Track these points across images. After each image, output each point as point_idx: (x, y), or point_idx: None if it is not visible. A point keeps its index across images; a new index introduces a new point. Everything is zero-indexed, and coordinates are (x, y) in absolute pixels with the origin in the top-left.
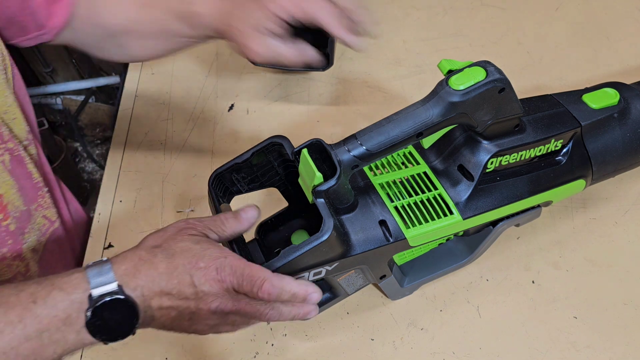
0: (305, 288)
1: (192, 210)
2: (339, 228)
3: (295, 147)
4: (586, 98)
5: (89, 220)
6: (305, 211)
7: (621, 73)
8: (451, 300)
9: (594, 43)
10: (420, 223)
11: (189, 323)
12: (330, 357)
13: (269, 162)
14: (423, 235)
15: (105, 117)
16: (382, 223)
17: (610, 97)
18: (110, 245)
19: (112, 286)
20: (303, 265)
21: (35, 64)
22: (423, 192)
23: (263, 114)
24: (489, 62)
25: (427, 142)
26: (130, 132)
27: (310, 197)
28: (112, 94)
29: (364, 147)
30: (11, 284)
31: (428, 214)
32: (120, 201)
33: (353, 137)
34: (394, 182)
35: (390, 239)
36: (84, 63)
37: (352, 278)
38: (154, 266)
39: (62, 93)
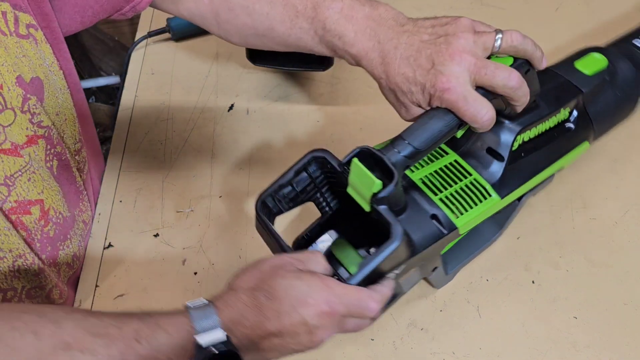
0: (389, 289)
1: (192, 210)
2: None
3: (337, 157)
4: (579, 65)
5: None
6: (339, 221)
7: None
8: (451, 300)
9: (593, 43)
10: (466, 210)
11: (298, 350)
12: (330, 357)
13: (308, 177)
14: (470, 222)
15: (105, 117)
16: (434, 217)
17: (600, 62)
18: (110, 245)
19: (219, 334)
20: (378, 273)
21: None
22: (460, 180)
23: (263, 114)
24: None
25: (460, 131)
26: (130, 132)
27: (366, 206)
28: (112, 94)
29: (413, 146)
30: (108, 313)
31: (471, 200)
32: (120, 201)
33: (400, 138)
34: (432, 175)
35: (444, 231)
36: (84, 63)
37: (411, 276)
38: (261, 312)
39: None
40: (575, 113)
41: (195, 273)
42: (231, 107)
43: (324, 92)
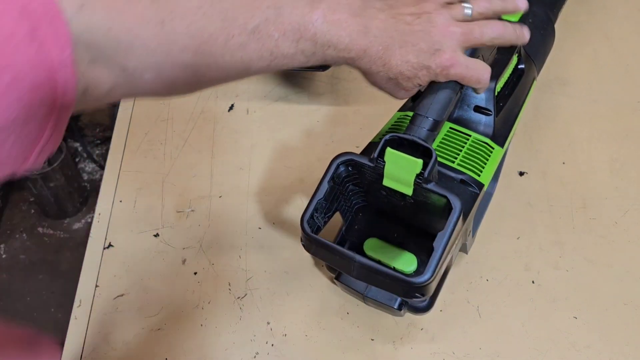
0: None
1: (193, 211)
2: None
3: (358, 153)
4: (505, 17)
5: None
6: (364, 223)
7: (622, 73)
8: (451, 300)
9: (594, 43)
10: (483, 167)
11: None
12: (330, 357)
13: (335, 185)
14: (489, 177)
15: (105, 117)
16: (463, 182)
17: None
18: (110, 245)
19: None
20: (450, 245)
21: None
22: (464, 143)
23: (263, 114)
24: None
25: None
26: (130, 132)
27: (409, 190)
28: None
29: (432, 118)
30: None
31: (482, 157)
32: (120, 201)
33: (418, 115)
34: (440, 147)
35: (477, 191)
36: None
37: (456, 246)
38: None
39: None
40: (521, 58)
41: (195, 273)
42: (231, 107)
43: (324, 92)
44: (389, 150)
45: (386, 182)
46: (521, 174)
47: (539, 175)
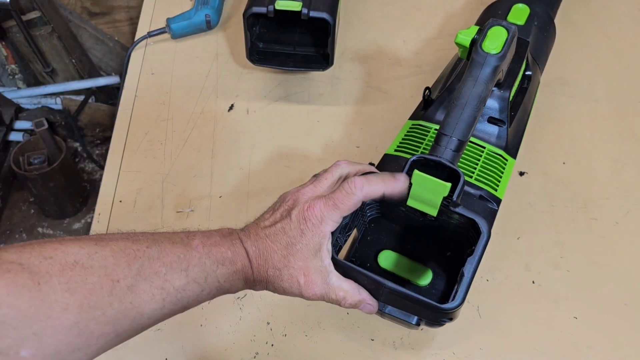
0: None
1: (192, 210)
2: None
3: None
4: (512, 19)
5: None
6: (375, 232)
7: (623, 73)
8: None
9: (594, 43)
10: (499, 181)
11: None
12: (330, 357)
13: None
14: (503, 190)
15: (105, 117)
16: (481, 198)
17: (525, 10)
18: None
19: None
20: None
21: (35, 64)
22: (480, 156)
23: (263, 114)
24: (496, 20)
25: None
26: (130, 132)
27: (433, 212)
28: (112, 94)
29: (457, 139)
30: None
31: (497, 170)
32: (120, 201)
33: (443, 135)
34: None
35: (495, 207)
36: (84, 63)
37: None
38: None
39: (62, 93)
40: (529, 63)
41: None
42: (231, 107)
43: (324, 92)
44: (416, 172)
45: (410, 203)
46: (522, 174)
47: (540, 176)
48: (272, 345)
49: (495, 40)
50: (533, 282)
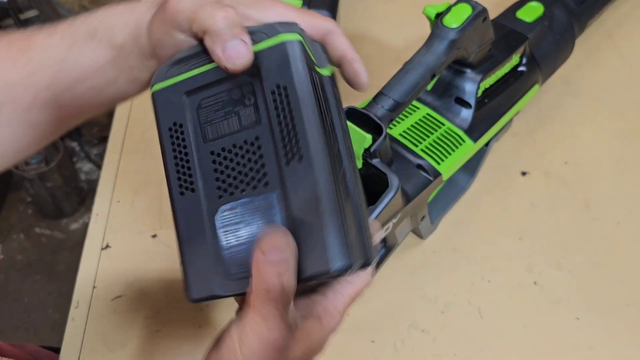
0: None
1: None
2: None
3: None
4: (520, 15)
5: None
6: None
7: (626, 72)
8: (452, 301)
9: (596, 42)
10: (446, 157)
11: None
12: (331, 358)
13: None
14: (451, 167)
15: (102, 117)
16: (419, 167)
17: (537, 9)
18: (107, 246)
19: None
20: (381, 223)
21: None
22: (435, 130)
23: None
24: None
25: (430, 84)
26: (128, 131)
27: (358, 163)
28: None
29: (393, 99)
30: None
31: (449, 147)
32: (118, 201)
33: (381, 94)
34: (409, 129)
35: (430, 178)
36: None
37: (404, 227)
38: None
39: None
40: (524, 60)
41: None
42: None
43: None
44: None
45: None
46: (523, 174)
47: (542, 176)
48: None
49: (458, 15)
50: (535, 282)
